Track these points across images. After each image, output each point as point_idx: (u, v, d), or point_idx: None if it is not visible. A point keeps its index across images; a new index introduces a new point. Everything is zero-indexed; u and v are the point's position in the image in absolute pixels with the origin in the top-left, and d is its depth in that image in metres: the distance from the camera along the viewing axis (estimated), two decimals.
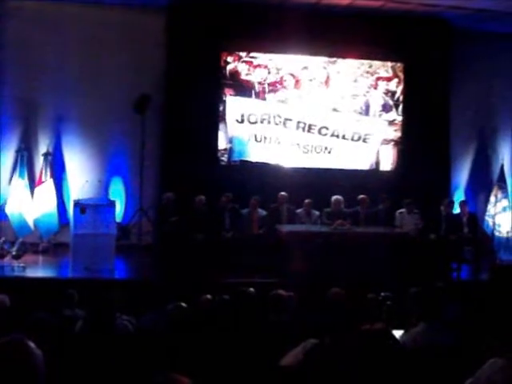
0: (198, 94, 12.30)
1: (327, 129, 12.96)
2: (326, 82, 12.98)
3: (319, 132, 12.95)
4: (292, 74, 12.86)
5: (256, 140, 12.79)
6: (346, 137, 13.04)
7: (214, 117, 12.67)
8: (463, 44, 13.04)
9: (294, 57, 12.88)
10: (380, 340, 2.62)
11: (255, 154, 12.85)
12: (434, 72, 13.04)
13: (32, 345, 2.63)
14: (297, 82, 12.90)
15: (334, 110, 13.00)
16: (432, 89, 13.10)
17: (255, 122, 12.75)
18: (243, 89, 12.72)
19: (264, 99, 12.78)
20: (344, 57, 13.00)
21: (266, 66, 12.76)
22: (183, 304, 6.30)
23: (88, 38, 12.23)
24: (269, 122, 12.79)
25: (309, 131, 12.93)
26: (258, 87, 12.76)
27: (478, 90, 13.52)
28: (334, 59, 12.98)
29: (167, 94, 12.47)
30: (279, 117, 12.81)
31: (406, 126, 13.22)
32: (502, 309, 6.78)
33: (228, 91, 12.69)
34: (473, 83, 13.40)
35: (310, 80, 12.93)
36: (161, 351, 4.64)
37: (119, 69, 12.34)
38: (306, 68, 12.88)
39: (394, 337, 4.63)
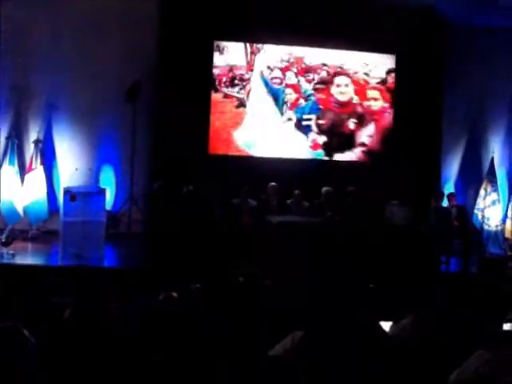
0: (190, 83, 12.28)
1: (319, 120, 13.01)
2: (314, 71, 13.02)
3: (311, 124, 12.99)
4: (281, 66, 12.89)
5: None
6: (337, 128, 13.10)
7: (206, 106, 12.65)
8: (457, 37, 13.02)
9: (284, 47, 12.88)
10: (368, 331, 2.63)
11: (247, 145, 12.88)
12: (426, 65, 13.04)
13: (25, 332, 2.63)
14: (285, 71, 12.93)
15: (324, 101, 13.04)
16: (424, 81, 13.09)
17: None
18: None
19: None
20: (336, 48, 13.00)
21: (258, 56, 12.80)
22: (174, 294, 6.29)
23: (80, 26, 12.16)
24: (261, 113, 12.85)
25: (300, 122, 12.97)
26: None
27: (470, 83, 13.52)
28: (327, 50, 12.99)
29: (159, 82, 12.43)
30: (271, 107, 12.85)
31: (398, 118, 13.24)
32: (490, 301, 6.81)
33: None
34: (465, 76, 13.40)
35: (300, 69, 12.94)
36: (148, 338, 4.64)
37: (111, 57, 12.28)
38: (295, 58, 12.90)
39: (381, 328, 4.65)
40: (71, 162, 12.38)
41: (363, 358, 3.66)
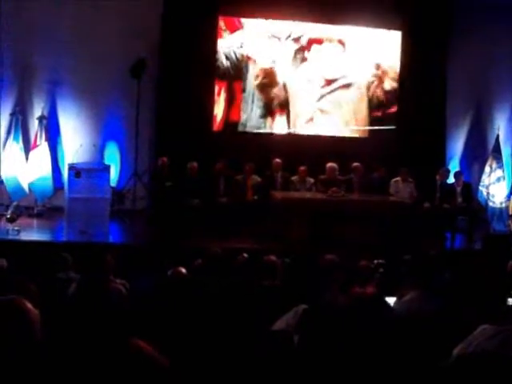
0: (194, 59, 12.23)
1: (324, 96, 12.96)
2: (319, 43, 12.96)
3: (317, 99, 12.95)
4: (289, 39, 12.83)
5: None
6: (342, 104, 13.07)
7: (210, 82, 12.61)
8: (463, 14, 12.94)
9: (291, 22, 12.78)
10: (372, 305, 2.64)
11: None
12: (431, 40, 12.96)
13: (29, 305, 2.65)
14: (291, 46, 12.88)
15: (332, 77, 13.00)
16: (430, 58, 13.01)
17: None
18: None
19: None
20: (343, 23, 12.91)
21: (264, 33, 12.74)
22: (182, 269, 6.31)
23: (84, 2, 12.11)
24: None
25: (306, 99, 12.93)
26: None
27: (476, 59, 13.42)
28: (333, 26, 12.90)
29: (163, 59, 12.38)
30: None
31: (403, 95, 13.19)
32: (494, 278, 6.82)
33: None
34: (471, 53, 13.31)
35: (306, 45, 12.89)
36: (153, 315, 4.66)
37: (115, 33, 12.20)
38: (302, 35, 12.83)
39: (386, 302, 4.66)
40: (76, 138, 12.35)
41: (367, 333, 3.66)
